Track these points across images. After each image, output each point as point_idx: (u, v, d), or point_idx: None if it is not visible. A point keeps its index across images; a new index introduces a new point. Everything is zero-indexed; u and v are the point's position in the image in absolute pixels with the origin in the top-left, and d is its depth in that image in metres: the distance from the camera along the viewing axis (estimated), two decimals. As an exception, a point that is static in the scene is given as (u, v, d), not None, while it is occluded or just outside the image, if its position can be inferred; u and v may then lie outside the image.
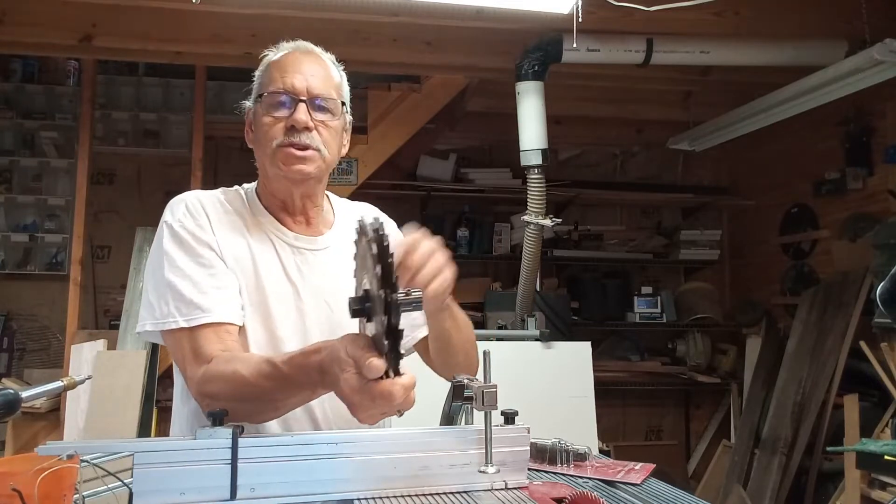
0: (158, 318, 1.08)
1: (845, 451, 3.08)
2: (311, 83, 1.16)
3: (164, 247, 1.12)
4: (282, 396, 0.98)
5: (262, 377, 0.96)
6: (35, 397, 1.20)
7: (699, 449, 4.69)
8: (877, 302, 1.13)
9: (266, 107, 1.17)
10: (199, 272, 1.10)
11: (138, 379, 3.27)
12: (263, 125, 1.16)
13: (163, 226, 1.15)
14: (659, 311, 4.47)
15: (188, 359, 1.06)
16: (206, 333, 1.07)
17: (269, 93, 1.16)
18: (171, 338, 1.09)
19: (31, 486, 0.87)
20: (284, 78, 1.16)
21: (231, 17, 3.03)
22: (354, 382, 0.82)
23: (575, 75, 3.50)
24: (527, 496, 0.97)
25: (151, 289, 1.12)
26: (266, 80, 1.18)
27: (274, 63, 1.19)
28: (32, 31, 3.14)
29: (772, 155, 4.43)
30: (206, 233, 1.14)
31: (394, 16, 2.94)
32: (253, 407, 1.00)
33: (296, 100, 1.15)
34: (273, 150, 1.15)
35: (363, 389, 0.82)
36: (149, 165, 4.38)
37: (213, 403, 0.98)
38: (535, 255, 3.29)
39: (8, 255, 4.18)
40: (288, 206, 1.22)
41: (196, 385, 1.04)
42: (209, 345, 1.06)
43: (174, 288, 1.08)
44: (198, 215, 1.15)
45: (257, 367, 0.97)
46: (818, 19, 3.15)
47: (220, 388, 1.00)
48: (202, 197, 1.20)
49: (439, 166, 4.44)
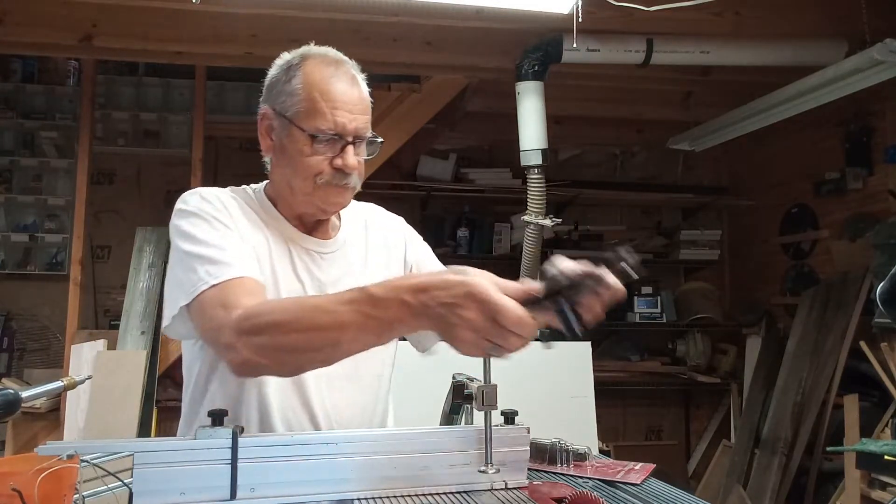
0: (189, 289, 1.03)
1: (845, 451, 3.08)
2: (359, 123, 1.14)
3: (183, 228, 1.10)
4: (349, 331, 0.89)
5: (333, 302, 0.91)
6: (35, 397, 1.20)
7: (699, 449, 4.68)
8: (877, 302, 1.13)
9: (311, 139, 1.12)
10: (222, 239, 1.09)
11: (138, 379, 3.27)
12: (305, 156, 1.13)
13: (177, 214, 1.13)
14: (659, 311, 4.47)
15: (218, 312, 0.99)
16: (236, 286, 1.02)
17: (321, 131, 1.12)
18: (199, 305, 1.02)
19: (31, 486, 0.87)
20: (336, 115, 1.12)
21: (231, 17, 3.03)
22: (473, 313, 0.81)
23: (575, 75, 3.50)
24: (527, 496, 0.97)
25: (178, 269, 1.08)
26: (312, 109, 1.12)
27: (318, 87, 1.13)
28: (32, 31, 3.14)
29: (772, 155, 4.43)
30: (225, 216, 1.13)
31: (394, 16, 2.93)
32: (307, 341, 0.91)
33: (346, 141, 1.13)
34: (316, 185, 1.13)
35: (488, 326, 0.80)
36: (149, 165, 4.38)
37: (252, 344, 0.92)
38: (535, 255, 3.29)
39: (8, 255, 4.18)
40: (304, 219, 1.21)
41: (234, 325, 0.95)
42: (242, 297, 1.00)
43: (200, 256, 1.05)
44: (215, 202, 1.14)
45: (326, 296, 0.93)
46: (818, 19, 3.15)
47: (268, 320, 0.93)
48: (214, 190, 1.18)
49: (439, 166, 4.44)
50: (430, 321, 0.85)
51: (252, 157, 1.25)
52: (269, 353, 0.93)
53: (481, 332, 0.81)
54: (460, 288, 0.82)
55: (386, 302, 0.87)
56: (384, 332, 0.90)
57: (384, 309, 0.87)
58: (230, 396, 1.12)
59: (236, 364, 0.96)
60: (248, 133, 4.34)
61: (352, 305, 0.89)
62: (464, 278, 0.84)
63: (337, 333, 0.90)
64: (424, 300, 0.84)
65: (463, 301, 0.81)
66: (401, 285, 0.87)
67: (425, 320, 0.85)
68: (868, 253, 3.41)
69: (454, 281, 0.84)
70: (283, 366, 0.95)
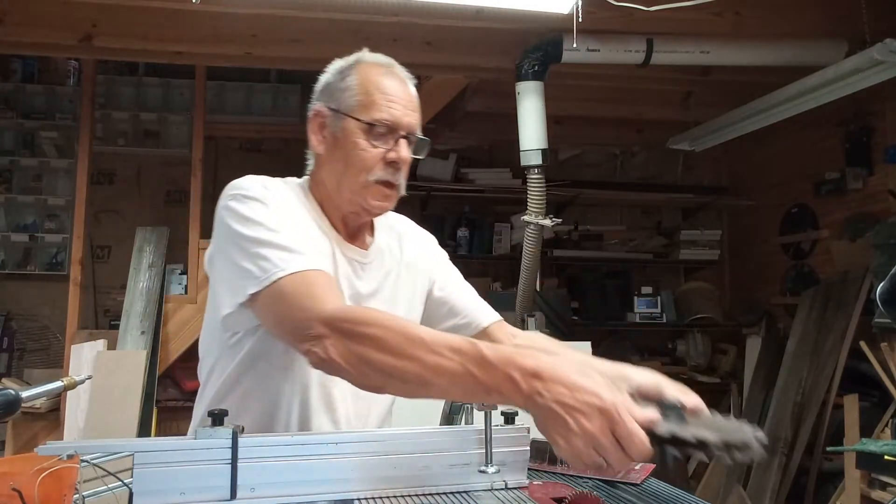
0: (259, 276, 0.98)
1: (845, 451, 3.08)
2: (413, 119, 1.15)
3: (242, 212, 1.05)
4: (444, 378, 0.84)
5: (439, 343, 0.85)
6: (35, 397, 1.20)
7: (699, 449, 4.68)
8: (877, 302, 1.13)
9: (368, 132, 1.12)
10: (291, 227, 1.06)
11: (138, 379, 3.27)
12: (360, 149, 1.12)
13: (234, 198, 1.07)
14: (659, 311, 4.47)
15: (304, 302, 0.95)
16: (319, 278, 0.99)
17: (377, 120, 1.12)
18: (275, 293, 0.98)
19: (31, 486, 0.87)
20: (391, 108, 1.12)
21: (231, 17, 3.03)
22: (597, 426, 0.75)
23: (575, 75, 3.50)
24: (527, 496, 0.97)
25: (238, 256, 1.02)
26: (368, 101, 1.13)
27: (374, 82, 1.14)
28: (32, 31, 3.14)
29: (772, 155, 4.43)
30: (287, 206, 1.10)
31: (394, 16, 2.93)
32: (401, 369, 0.86)
33: (400, 135, 1.13)
34: (367, 182, 1.12)
35: (602, 434, 0.75)
36: (149, 165, 4.38)
37: (343, 346, 0.90)
38: (535, 255, 3.29)
39: (8, 255, 4.18)
40: (348, 222, 1.19)
41: (327, 321, 0.92)
42: (328, 292, 0.97)
43: (268, 242, 1.01)
44: (275, 190, 1.11)
45: (433, 333, 0.88)
46: (818, 19, 3.15)
47: (368, 332, 0.89)
48: (273, 179, 1.14)
49: (439, 166, 4.44)
50: (536, 410, 0.79)
51: (252, 158, 1.25)
52: (357, 364, 0.90)
53: (598, 448, 0.75)
54: (592, 398, 0.76)
55: (494, 369, 0.82)
56: (477, 394, 0.86)
57: (489, 374, 0.82)
58: (266, 397, 1.10)
59: (317, 359, 0.93)
60: (248, 133, 4.37)
61: (458, 355, 0.84)
62: (596, 387, 0.77)
63: (432, 375, 0.85)
64: (538, 388, 0.79)
65: (589, 411, 0.76)
66: (513, 359, 0.82)
67: (529, 406, 0.80)
68: (868, 253, 3.41)
69: (585, 387, 0.77)
70: (365, 379, 0.91)
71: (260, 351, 1.10)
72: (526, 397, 0.79)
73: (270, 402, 1.10)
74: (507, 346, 0.84)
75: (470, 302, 1.30)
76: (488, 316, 1.28)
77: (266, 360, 1.10)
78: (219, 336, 1.13)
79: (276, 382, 1.10)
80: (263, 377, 1.11)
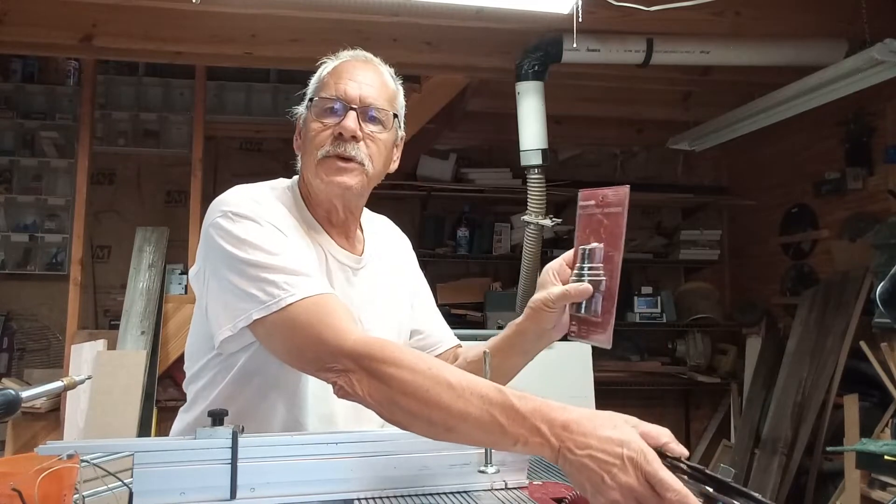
0: (265, 301, 0.97)
1: (845, 451, 3.08)
2: (365, 91, 1.12)
3: (237, 233, 1.03)
4: (469, 424, 0.83)
5: (468, 388, 0.84)
6: (35, 397, 1.20)
7: (699, 449, 4.68)
8: (877, 302, 1.13)
9: (316, 112, 1.13)
10: (289, 247, 1.04)
11: (138, 379, 3.27)
12: (311, 131, 1.13)
13: (224, 217, 1.05)
14: (659, 311, 4.46)
15: (321, 332, 0.94)
16: (331, 304, 0.98)
17: (321, 98, 1.13)
18: (286, 319, 0.97)
19: (31, 486, 0.87)
20: (338, 84, 1.12)
21: (231, 17, 3.03)
22: (634, 482, 0.73)
23: (575, 75, 3.50)
24: (527, 496, 0.97)
25: (238, 279, 1.01)
26: (319, 86, 1.16)
27: (332, 71, 1.17)
28: (32, 31, 3.14)
29: (772, 155, 4.43)
30: (280, 221, 1.09)
31: (394, 16, 2.93)
32: (426, 413, 0.86)
33: (347, 107, 1.11)
34: (318, 159, 1.11)
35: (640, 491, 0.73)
36: (149, 165, 4.38)
37: (368, 384, 0.89)
38: (535, 255, 3.29)
39: (8, 255, 4.18)
40: (332, 217, 1.18)
41: (351, 355, 0.91)
42: (345, 320, 0.96)
43: (269, 266, 1.00)
44: (267, 205, 1.10)
45: (460, 376, 0.86)
46: (818, 19, 3.15)
47: (395, 374, 0.88)
48: (261, 191, 1.13)
49: (439, 166, 4.44)
50: (568, 466, 0.77)
51: (252, 157, 1.25)
52: (383, 402, 0.90)
53: (638, 499, 0.74)
54: (621, 450, 0.75)
55: (523, 420, 0.80)
56: (503, 442, 0.83)
57: (517, 425, 0.81)
58: (260, 414, 1.10)
59: (343, 392, 0.93)
60: (248, 133, 4.37)
61: (486, 404, 0.83)
62: (623, 436, 0.76)
63: (457, 421, 0.84)
64: (568, 444, 0.77)
65: (622, 463, 0.74)
66: (542, 410, 0.80)
67: (560, 461, 0.78)
68: (868, 253, 3.41)
69: (613, 438, 0.76)
70: (391, 416, 0.91)
71: (254, 367, 1.09)
72: (556, 451, 0.78)
73: (265, 420, 1.10)
74: (535, 396, 0.83)
75: (436, 322, 1.34)
76: (450, 340, 1.33)
77: (261, 375, 1.10)
78: (208, 351, 1.13)
79: (272, 399, 1.10)
80: (258, 393, 1.10)
